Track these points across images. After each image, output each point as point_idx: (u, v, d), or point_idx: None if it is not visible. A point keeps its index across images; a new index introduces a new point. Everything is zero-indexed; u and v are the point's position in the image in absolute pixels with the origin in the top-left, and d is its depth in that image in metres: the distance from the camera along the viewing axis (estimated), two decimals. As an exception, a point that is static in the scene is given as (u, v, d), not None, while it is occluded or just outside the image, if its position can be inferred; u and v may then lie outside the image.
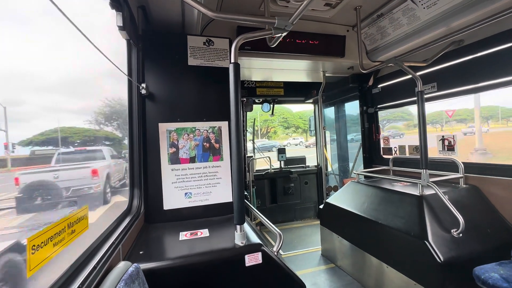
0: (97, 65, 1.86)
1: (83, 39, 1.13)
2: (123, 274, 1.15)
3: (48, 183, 4.40)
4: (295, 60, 3.44)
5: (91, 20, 1.09)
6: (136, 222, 1.91)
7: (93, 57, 1.68)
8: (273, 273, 1.67)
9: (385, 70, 4.03)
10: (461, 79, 2.91)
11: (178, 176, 2.30)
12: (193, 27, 2.53)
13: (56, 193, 4.39)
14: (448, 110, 6.79)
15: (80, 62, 1.74)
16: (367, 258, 2.87)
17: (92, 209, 4.52)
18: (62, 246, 0.93)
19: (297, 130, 35.52)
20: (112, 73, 1.52)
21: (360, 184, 3.44)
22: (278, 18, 1.69)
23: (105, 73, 1.78)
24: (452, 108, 7.31)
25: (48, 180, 4.45)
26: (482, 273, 1.98)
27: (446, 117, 21.74)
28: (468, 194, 2.67)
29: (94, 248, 1.26)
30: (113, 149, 5.14)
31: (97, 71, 1.83)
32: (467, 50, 2.83)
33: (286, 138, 33.85)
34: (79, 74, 2.12)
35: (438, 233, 2.22)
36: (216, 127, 2.43)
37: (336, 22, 3.48)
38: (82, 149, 5.18)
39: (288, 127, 35.04)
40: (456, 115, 20.83)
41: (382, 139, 4.21)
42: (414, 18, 2.84)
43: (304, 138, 32.87)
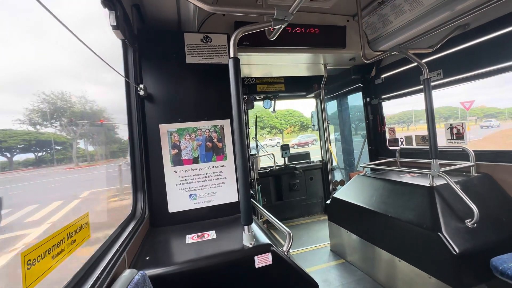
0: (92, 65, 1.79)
1: (75, 40, 1.08)
2: (129, 282, 1.10)
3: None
4: (295, 53, 3.36)
5: (82, 20, 1.03)
6: (141, 227, 1.86)
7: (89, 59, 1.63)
8: (284, 274, 1.61)
9: (388, 60, 3.93)
10: (468, 64, 2.81)
11: (182, 177, 2.25)
12: (189, 24, 2.47)
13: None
14: (465, 101, 5.37)
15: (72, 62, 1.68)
16: (377, 252, 2.81)
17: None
18: (62, 258, 0.89)
19: (272, 130, 34.38)
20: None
21: (368, 177, 3.37)
22: (277, 9, 1.62)
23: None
24: (467, 99, 5.37)
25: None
26: (500, 263, 1.91)
27: (456, 113, 20.30)
28: (481, 182, 2.59)
29: (98, 257, 1.22)
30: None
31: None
32: (473, 34, 2.73)
33: (261, 139, 32.85)
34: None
35: (451, 224, 2.16)
36: (218, 126, 2.37)
37: (335, 13, 3.40)
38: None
39: (263, 127, 33.06)
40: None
41: (387, 130, 4.12)
42: (416, 3, 2.75)
43: (281, 139, 32.18)
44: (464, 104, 4.99)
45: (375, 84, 4.18)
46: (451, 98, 22.20)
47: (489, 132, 18.48)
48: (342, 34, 3.40)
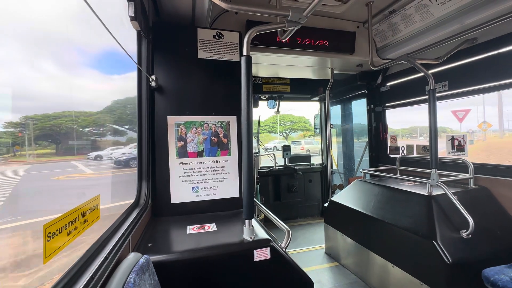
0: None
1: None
2: (134, 265, 1.14)
3: None
4: (303, 56, 3.40)
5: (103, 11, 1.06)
6: (144, 215, 1.90)
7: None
8: (281, 269, 1.66)
9: (394, 68, 3.97)
10: (473, 78, 2.85)
11: (186, 170, 2.29)
12: (203, 20, 2.50)
13: None
14: (459, 110, 4.70)
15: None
16: (372, 257, 2.85)
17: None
18: (75, 236, 0.93)
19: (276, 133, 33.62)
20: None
21: (367, 182, 3.41)
22: (292, 11, 1.66)
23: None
24: (461, 108, 4.70)
25: None
26: (491, 275, 1.95)
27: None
28: (478, 195, 2.63)
29: (104, 240, 1.26)
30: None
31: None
32: (481, 48, 2.77)
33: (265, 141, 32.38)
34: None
35: (446, 233, 2.20)
36: (225, 122, 2.42)
37: (346, 18, 3.43)
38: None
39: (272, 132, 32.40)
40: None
41: (389, 138, 4.17)
42: (427, 14, 2.79)
43: (286, 142, 31.72)
44: (457, 114, 4.47)
45: (380, 91, 4.22)
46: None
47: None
48: (351, 40, 3.44)
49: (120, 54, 1.55)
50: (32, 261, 0.97)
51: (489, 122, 10.92)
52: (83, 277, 0.93)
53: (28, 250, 1.00)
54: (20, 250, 1.00)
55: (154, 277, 1.29)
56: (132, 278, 1.04)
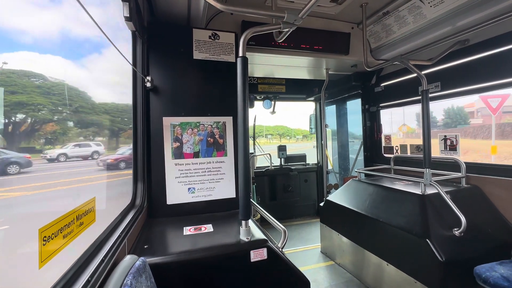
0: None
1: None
2: (131, 267, 1.14)
3: None
4: (298, 56, 3.42)
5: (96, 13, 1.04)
6: (140, 216, 1.89)
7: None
8: (278, 269, 1.66)
9: (388, 69, 4.02)
10: (465, 79, 2.91)
11: (182, 171, 2.28)
12: (198, 20, 2.50)
13: None
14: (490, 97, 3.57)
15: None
16: (367, 255, 2.89)
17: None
18: (71, 239, 0.92)
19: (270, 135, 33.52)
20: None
21: (362, 182, 3.45)
22: (287, 12, 1.66)
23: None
24: None
25: None
26: (483, 271, 2.00)
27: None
28: (470, 194, 2.69)
29: (100, 242, 1.25)
30: None
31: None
32: (472, 49, 2.82)
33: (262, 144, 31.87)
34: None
35: (439, 232, 2.24)
36: (221, 122, 2.41)
37: (341, 19, 3.46)
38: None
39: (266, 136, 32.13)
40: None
41: (383, 138, 4.21)
42: (420, 16, 2.83)
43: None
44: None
45: (375, 92, 4.27)
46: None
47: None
48: (346, 41, 3.47)
49: (115, 55, 1.54)
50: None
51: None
52: (79, 280, 0.93)
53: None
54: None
55: (151, 279, 1.28)
56: (129, 280, 1.03)
